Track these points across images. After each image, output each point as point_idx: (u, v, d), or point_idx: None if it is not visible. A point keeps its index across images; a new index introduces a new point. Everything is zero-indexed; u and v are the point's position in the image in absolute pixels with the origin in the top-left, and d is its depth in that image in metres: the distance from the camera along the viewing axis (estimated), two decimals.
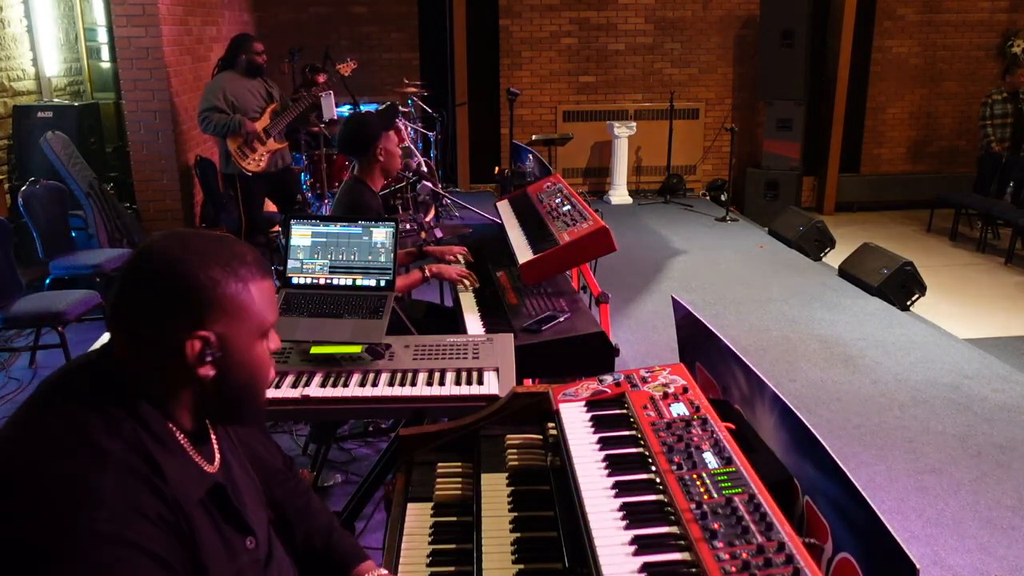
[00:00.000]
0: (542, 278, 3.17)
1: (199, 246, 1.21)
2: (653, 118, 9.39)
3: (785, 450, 1.86)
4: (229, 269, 1.20)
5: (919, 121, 9.77)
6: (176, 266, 1.18)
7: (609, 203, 8.99)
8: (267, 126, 5.41)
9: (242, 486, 1.34)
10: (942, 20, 9.46)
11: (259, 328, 1.25)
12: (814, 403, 4.10)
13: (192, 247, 1.20)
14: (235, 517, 1.26)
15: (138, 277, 1.19)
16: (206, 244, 1.22)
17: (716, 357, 2.34)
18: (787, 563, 1.22)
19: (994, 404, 4.08)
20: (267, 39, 8.48)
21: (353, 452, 3.46)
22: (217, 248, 1.23)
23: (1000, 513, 3.17)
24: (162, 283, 1.17)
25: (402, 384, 2.25)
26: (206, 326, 1.18)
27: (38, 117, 5.72)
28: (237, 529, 1.26)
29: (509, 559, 1.53)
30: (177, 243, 1.21)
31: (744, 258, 6.86)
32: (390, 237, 2.65)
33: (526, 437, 1.90)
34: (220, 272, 1.19)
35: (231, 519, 1.25)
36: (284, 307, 2.55)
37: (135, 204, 6.18)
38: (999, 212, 7.61)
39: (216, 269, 1.19)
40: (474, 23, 8.93)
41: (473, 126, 9.15)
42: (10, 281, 4.07)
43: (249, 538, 1.28)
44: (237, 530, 1.26)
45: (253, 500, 1.37)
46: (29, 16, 6.00)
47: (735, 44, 9.41)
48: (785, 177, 8.92)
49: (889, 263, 5.81)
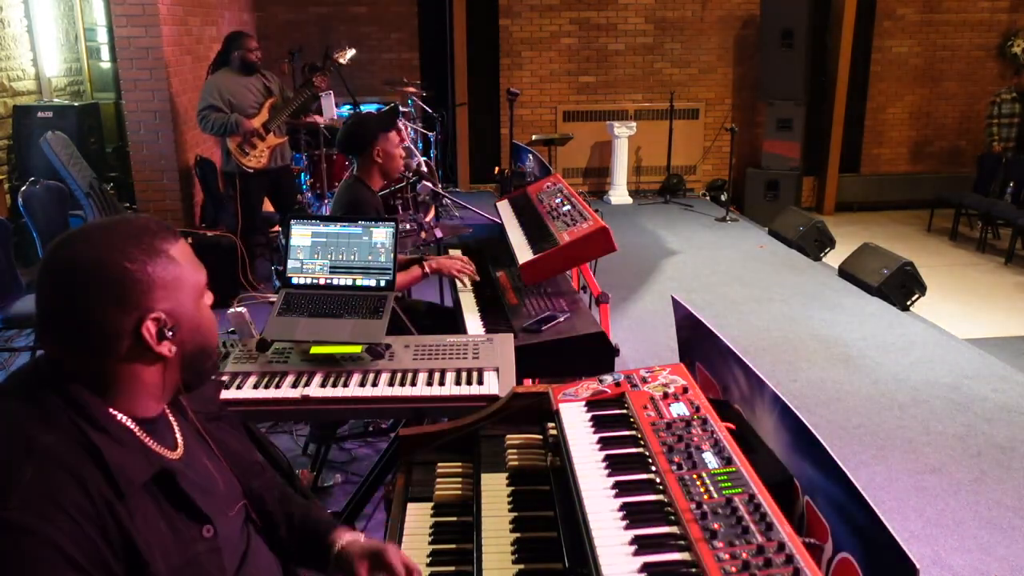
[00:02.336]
0: (542, 278, 3.17)
1: (108, 239, 1.22)
2: (653, 118, 9.38)
3: (785, 450, 1.86)
4: (145, 246, 1.22)
5: (919, 121, 9.77)
6: (101, 267, 1.18)
7: (609, 203, 8.99)
8: (266, 121, 5.40)
9: (206, 477, 1.34)
10: (942, 20, 9.45)
11: (196, 288, 1.29)
12: (814, 403, 4.10)
13: (102, 242, 1.21)
14: (186, 504, 1.26)
15: (65, 294, 1.19)
16: (111, 233, 1.23)
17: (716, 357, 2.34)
18: (787, 563, 1.22)
19: (994, 404, 4.08)
20: (267, 39, 8.53)
21: (353, 452, 3.46)
22: (123, 231, 1.24)
23: (1000, 513, 3.17)
24: (95, 289, 1.18)
25: (402, 384, 2.25)
26: (153, 307, 1.20)
27: (38, 117, 5.72)
28: (189, 516, 1.26)
29: (509, 559, 1.53)
30: (84, 246, 1.21)
31: (744, 258, 6.85)
32: (390, 237, 2.64)
33: (526, 437, 1.90)
34: (139, 252, 1.21)
35: (182, 506, 1.25)
36: (284, 307, 2.55)
37: (135, 204, 6.18)
38: (999, 212, 7.61)
39: (134, 251, 1.21)
40: (474, 23, 8.93)
41: (473, 126, 9.15)
42: (10, 281, 4.07)
43: (206, 527, 1.28)
44: (189, 517, 1.26)
45: (221, 492, 1.36)
46: (29, 16, 6.00)
47: (735, 44, 9.41)
48: (785, 177, 8.92)
49: (889, 263, 5.81)
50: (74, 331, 1.19)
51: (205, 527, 1.28)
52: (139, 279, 1.20)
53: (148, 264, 1.21)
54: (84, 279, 1.18)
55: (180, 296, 1.24)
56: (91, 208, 5.26)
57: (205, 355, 1.33)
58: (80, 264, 1.19)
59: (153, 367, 1.25)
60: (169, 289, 1.23)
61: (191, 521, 1.26)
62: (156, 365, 1.25)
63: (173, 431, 1.32)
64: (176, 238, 1.28)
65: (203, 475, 1.34)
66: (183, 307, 1.25)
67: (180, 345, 1.25)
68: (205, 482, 1.33)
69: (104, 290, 1.18)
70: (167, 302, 1.22)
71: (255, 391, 2.22)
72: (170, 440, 1.30)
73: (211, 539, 1.28)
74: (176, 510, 1.24)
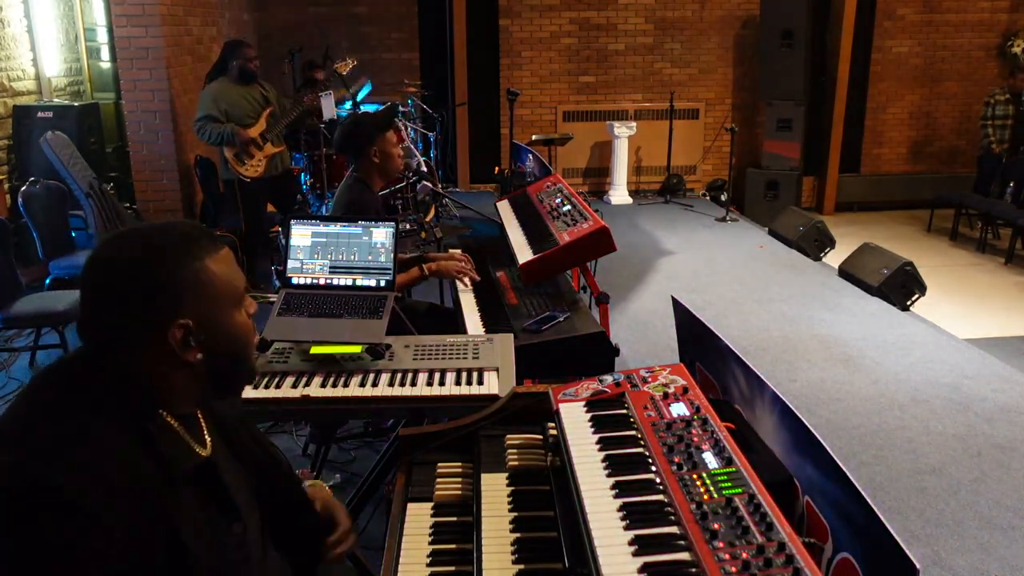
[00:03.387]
0: (542, 278, 3.17)
1: (147, 241, 1.24)
2: (653, 118, 9.38)
3: (785, 450, 1.86)
4: (183, 253, 1.23)
5: (919, 121, 9.76)
6: (135, 268, 1.20)
7: (609, 203, 8.99)
8: (263, 131, 5.39)
9: (232, 479, 1.36)
10: (942, 20, 9.45)
11: (232, 298, 1.28)
12: (814, 403, 4.10)
13: (142, 244, 1.23)
14: (223, 498, 1.28)
15: (101, 290, 1.22)
16: (153, 236, 1.25)
17: (716, 357, 2.34)
18: (787, 563, 1.22)
19: (994, 404, 4.08)
20: (267, 39, 8.54)
21: (353, 452, 3.46)
22: (165, 236, 1.25)
23: (1000, 513, 3.17)
24: (127, 289, 1.20)
25: (402, 384, 2.25)
26: (182, 314, 1.21)
27: (38, 117, 5.72)
28: (223, 512, 1.28)
29: (509, 559, 1.53)
30: (126, 245, 1.23)
31: (744, 258, 6.85)
32: (390, 237, 2.64)
33: (526, 437, 1.90)
34: (177, 259, 1.22)
35: (219, 500, 1.28)
36: (284, 307, 2.55)
37: (135, 204, 6.18)
38: (999, 212, 7.61)
39: (172, 257, 1.22)
40: (474, 23, 8.93)
41: (473, 126, 9.14)
42: (10, 281, 4.07)
43: (236, 524, 1.30)
44: (223, 513, 1.28)
45: (243, 493, 1.38)
46: (29, 16, 5.99)
47: (735, 44, 9.41)
48: (785, 177, 8.92)
49: (889, 263, 5.81)
50: (109, 327, 1.22)
51: (235, 524, 1.30)
52: (170, 285, 1.21)
53: (182, 270, 1.22)
54: (119, 278, 1.20)
55: (212, 304, 1.24)
56: (91, 208, 5.26)
57: (237, 364, 1.32)
58: (118, 263, 1.21)
59: (182, 371, 1.25)
60: (200, 296, 1.23)
61: (223, 517, 1.28)
62: (185, 370, 1.25)
63: (202, 429, 1.34)
64: (218, 247, 1.28)
65: (229, 474, 1.35)
66: (215, 315, 1.25)
67: (208, 353, 1.25)
68: (231, 481, 1.34)
69: (136, 291, 1.20)
70: (198, 309, 1.22)
71: (255, 391, 2.21)
72: (200, 437, 1.32)
73: (240, 535, 1.31)
74: (212, 503, 1.27)
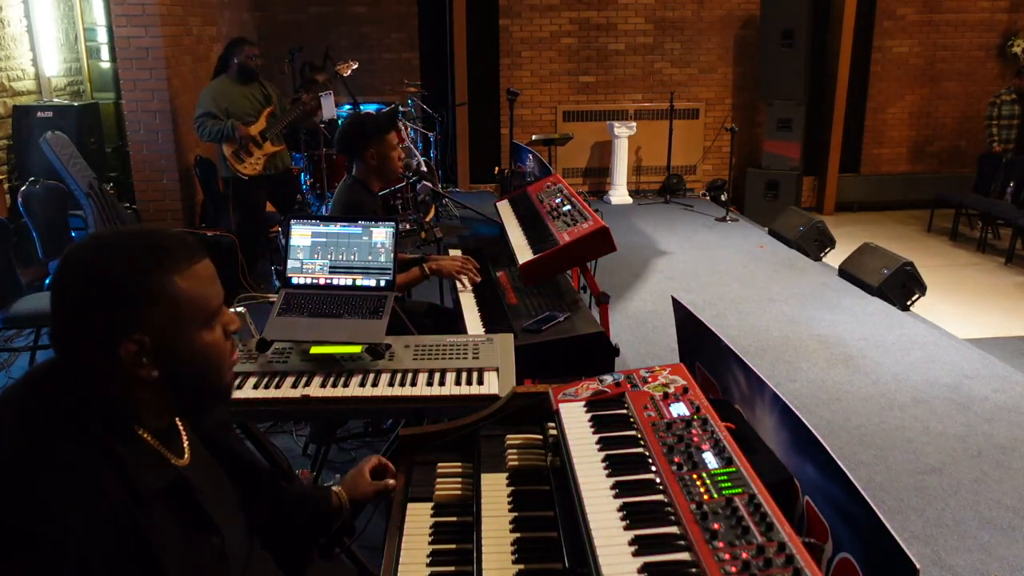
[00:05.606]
0: (542, 278, 3.17)
1: (120, 248, 1.19)
2: (653, 118, 9.38)
3: (785, 450, 1.86)
4: (153, 264, 1.17)
5: (919, 121, 9.77)
6: (98, 274, 1.15)
7: (609, 203, 8.99)
8: (263, 129, 5.39)
9: (213, 488, 1.33)
10: (942, 20, 9.46)
11: (201, 315, 1.22)
12: (814, 403, 4.10)
13: (112, 250, 1.18)
14: (196, 512, 1.24)
15: (64, 292, 1.17)
16: (127, 243, 1.20)
17: (716, 357, 2.34)
18: (787, 563, 1.22)
19: (994, 404, 4.08)
20: (267, 39, 8.53)
21: (353, 452, 3.46)
22: (139, 245, 1.20)
23: (1000, 513, 3.17)
24: (88, 294, 1.15)
25: (402, 384, 2.25)
26: (140, 327, 1.15)
27: (38, 117, 5.72)
28: (198, 524, 1.24)
29: (509, 559, 1.52)
30: (97, 249, 1.18)
31: (744, 258, 6.85)
32: (390, 237, 2.64)
33: (526, 437, 1.90)
34: (144, 270, 1.16)
35: (192, 514, 1.24)
36: (284, 307, 2.55)
37: (135, 204, 6.18)
38: (999, 212, 7.61)
39: (139, 268, 1.16)
40: (474, 23, 8.93)
41: (473, 126, 9.14)
42: (10, 281, 4.07)
43: (214, 535, 1.27)
44: (198, 525, 1.24)
45: (226, 504, 1.36)
46: (29, 16, 5.99)
47: (735, 44, 9.41)
48: (785, 177, 8.92)
49: (889, 263, 5.81)
50: (69, 336, 1.17)
51: (213, 536, 1.27)
52: (132, 296, 1.15)
53: (147, 282, 1.16)
54: (84, 284, 1.16)
55: (175, 321, 1.18)
56: (91, 208, 5.26)
57: (203, 386, 1.25)
58: (85, 269, 1.16)
59: (143, 385, 1.19)
60: (164, 310, 1.17)
61: (200, 529, 1.25)
62: (145, 384, 1.19)
63: (181, 439, 1.31)
64: (193, 260, 1.22)
65: (210, 483, 1.33)
66: (177, 332, 1.18)
67: (167, 372, 1.18)
68: (212, 490, 1.31)
69: (96, 301, 1.15)
70: (159, 324, 1.16)
71: (255, 391, 2.21)
72: (177, 447, 1.28)
73: (218, 547, 1.27)
74: (186, 518, 1.23)
